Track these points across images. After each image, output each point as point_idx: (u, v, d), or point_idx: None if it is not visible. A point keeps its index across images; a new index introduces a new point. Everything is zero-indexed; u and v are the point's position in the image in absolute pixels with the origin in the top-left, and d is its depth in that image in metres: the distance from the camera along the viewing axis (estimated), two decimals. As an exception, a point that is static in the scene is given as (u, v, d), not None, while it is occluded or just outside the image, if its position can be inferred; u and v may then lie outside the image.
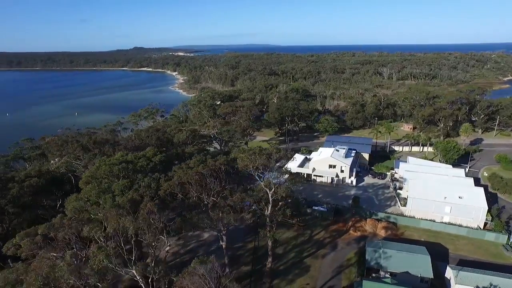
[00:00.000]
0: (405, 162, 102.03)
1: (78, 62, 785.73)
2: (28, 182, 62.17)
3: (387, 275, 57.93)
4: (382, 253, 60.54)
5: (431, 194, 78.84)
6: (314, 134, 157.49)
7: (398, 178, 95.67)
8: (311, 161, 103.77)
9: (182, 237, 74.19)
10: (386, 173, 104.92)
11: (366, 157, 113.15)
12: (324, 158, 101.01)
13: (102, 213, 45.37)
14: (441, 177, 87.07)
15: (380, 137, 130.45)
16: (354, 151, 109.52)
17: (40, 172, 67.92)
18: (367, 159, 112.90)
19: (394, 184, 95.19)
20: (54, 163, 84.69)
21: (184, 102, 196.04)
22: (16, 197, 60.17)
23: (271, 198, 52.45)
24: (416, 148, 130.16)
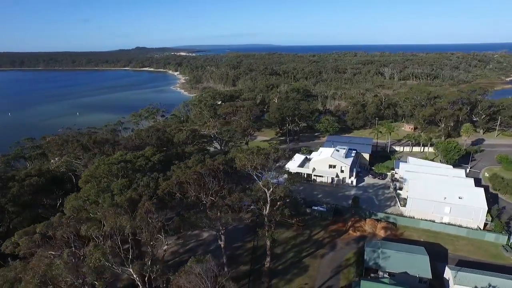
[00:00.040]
0: (405, 163, 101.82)
1: (80, 62, 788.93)
2: (28, 181, 62.55)
3: (386, 275, 57.84)
4: (380, 253, 60.50)
5: (431, 195, 78.64)
6: (315, 134, 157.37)
7: (398, 178, 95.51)
8: (311, 161, 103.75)
9: (181, 236, 74.35)
10: (387, 173, 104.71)
11: (366, 157, 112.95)
12: (324, 158, 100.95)
13: (101, 212, 45.54)
14: (441, 177, 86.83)
15: (380, 137, 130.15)
16: (355, 151, 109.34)
17: (40, 171, 68.28)
18: (368, 159, 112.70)
19: (394, 184, 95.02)
20: (54, 163, 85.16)
21: (185, 102, 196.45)
22: (16, 196, 60.55)
23: (269, 197, 52.52)
24: (417, 148, 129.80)
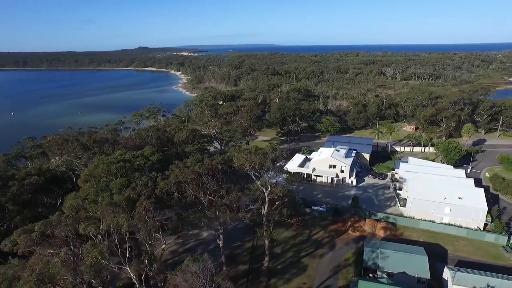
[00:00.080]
0: (405, 163, 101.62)
1: (83, 61, 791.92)
2: (28, 180, 62.88)
3: (384, 275, 57.80)
4: (379, 253, 60.46)
5: (431, 195, 78.46)
6: (316, 134, 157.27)
7: (398, 179, 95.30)
8: (311, 161, 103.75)
9: (181, 236, 74.52)
10: (387, 173, 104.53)
11: (366, 157, 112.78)
12: (324, 158, 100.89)
13: (99, 211, 45.78)
14: (441, 177, 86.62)
15: (381, 137, 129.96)
16: (355, 151, 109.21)
17: (40, 170, 68.62)
18: (368, 160, 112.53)
19: (394, 184, 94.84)
20: (54, 162, 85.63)
21: (186, 101, 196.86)
22: (16, 194, 60.88)
23: (267, 197, 52.61)
24: (417, 148, 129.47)
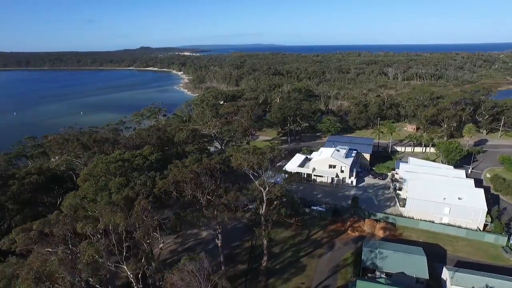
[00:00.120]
0: (406, 163, 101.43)
1: (85, 61, 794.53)
2: (28, 179, 63.21)
3: (383, 276, 57.75)
4: (378, 253, 60.39)
5: (431, 195, 78.26)
6: (317, 134, 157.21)
7: (398, 179, 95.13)
8: (311, 161, 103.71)
9: (180, 235, 74.76)
10: (387, 173, 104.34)
11: (367, 157, 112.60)
12: (324, 158, 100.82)
13: (98, 210, 45.99)
14: (441, 178, 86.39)
15: (382, 137, 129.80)
16: (355, 152, 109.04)
17: (40, 169, 68.99)
18: (368, 160, 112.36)
19: (394, 184, 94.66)
20: (54, 161, 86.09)
21: (187, 101, 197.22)
22: (16, 193, 61.23)
23: (266, 197, 52.67)
24: (418, 148, 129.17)
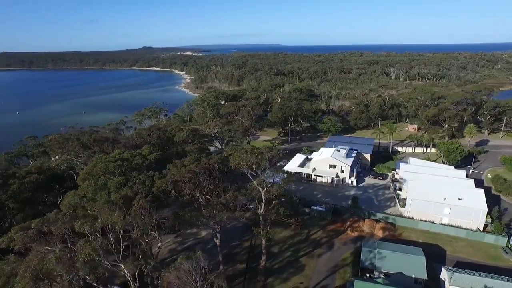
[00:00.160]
0: (406, 163, 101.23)
1: (88, 61, 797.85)
2: (28, 179, 63.64)
3: (381, 276, 57.69)
4: (377, 253, 60.34)
5: (430, 195, 78.08)
6: (318, 134, 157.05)
7: (398, 179, 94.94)
8: (312, 161, 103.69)
9: (180, 234, 75.01)
10: (387, 173, 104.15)
11: (367, 157, 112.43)
12: (324, 158, 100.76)
13: (97, 209, 46.23)
14: (441, 178, 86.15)
15: (383, 137, 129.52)
16: (356, 152, 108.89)
17: (41, 169, 69.44)
18: (369, 160, 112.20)
19: (394, 185, 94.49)
20: (55, 160, 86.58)
21: (188, 101, 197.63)
22: (16, 192, 61.69)
23: (264, 196, 52.76)
24: (419, 149, 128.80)
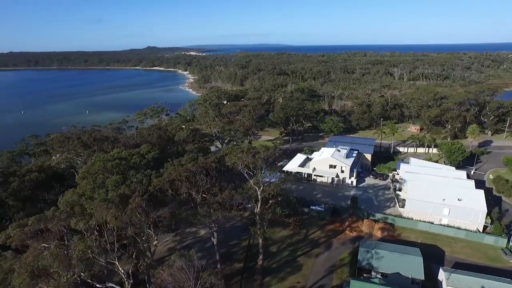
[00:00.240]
0: (407, 164, 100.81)
1: (93, 61, 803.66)
2: (28, 177, 64.46)
3: (379, 276, 57.58)
4: (374, 253, 60.23)
5: (430, 196, 77.72)
6: (320, 134, 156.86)
7: (398, 179, 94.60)
8: (312, 161, 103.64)
9: (179, 233, 75.45)
10: (388, 174, 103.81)
11: (368, 157, 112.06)
12: (324, 158, 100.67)
13: (94, 207, 46.66)
14: (441, 179, 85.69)
15: (385, 138, 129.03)
16: (356, 152, 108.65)
17: (41, 167, 70.24)
18: (370, 160, 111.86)
19: (394, 185, 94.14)
20: (55, 159, 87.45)
21: (190, 101, 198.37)
22: (16, 190, 62.51)
23: (260, 196, 52.90)
24: (421, 149, 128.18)
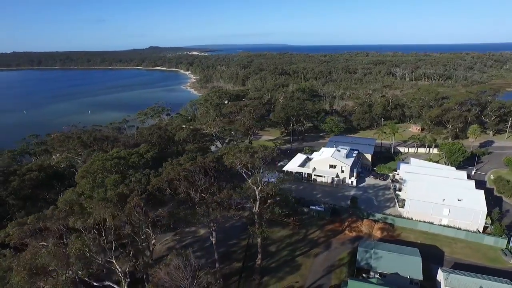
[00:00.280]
0: (407, 164, 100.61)
1: (95, 61, 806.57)
2: (28, 176, 64.84)
3: (377, 276, 57.54)
4: (373, 253, 60.18)
5: (430, 196, 77.54)
6: (320, 134, 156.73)
7: (398, 180, 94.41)
8: (312, 161, 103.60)
9: (178, 233, 75.66)
10: (388, 174, 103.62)
11: (368, 158, 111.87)
12: (324, 158, 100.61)
13: (92, 206, 46.88)
14: (441, 179, 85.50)
15: (386, 138, 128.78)
16: (356, 152, 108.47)
17: (41, 166, 70.62)
18: (370, 160, 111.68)
19: (394, 185, 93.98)
20: (55, 158, 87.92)
21: (192, 101, 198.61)
22: (16, 189, 62.89)
23: (259, 195, 52.98)
24: (422, 149, 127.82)
